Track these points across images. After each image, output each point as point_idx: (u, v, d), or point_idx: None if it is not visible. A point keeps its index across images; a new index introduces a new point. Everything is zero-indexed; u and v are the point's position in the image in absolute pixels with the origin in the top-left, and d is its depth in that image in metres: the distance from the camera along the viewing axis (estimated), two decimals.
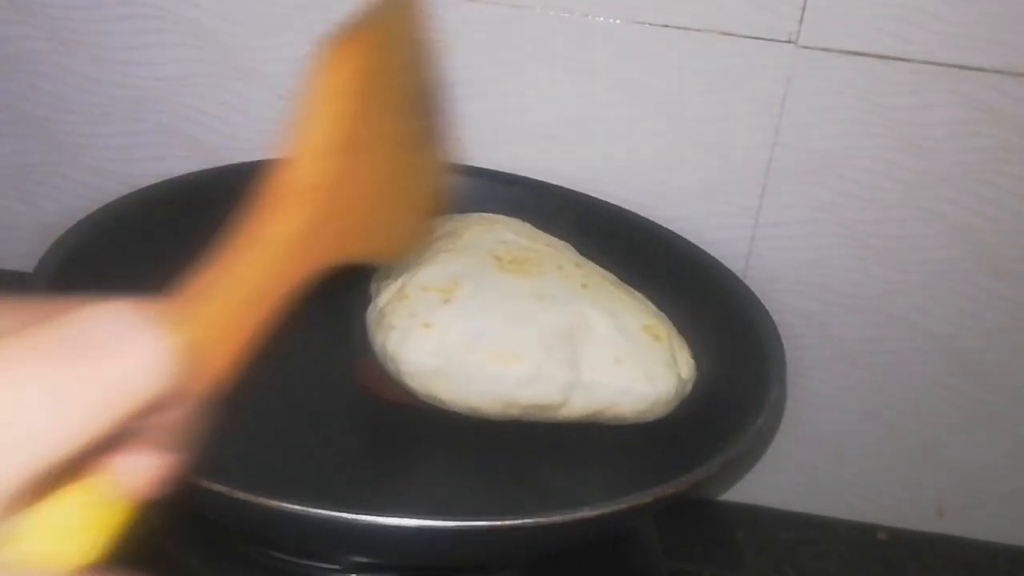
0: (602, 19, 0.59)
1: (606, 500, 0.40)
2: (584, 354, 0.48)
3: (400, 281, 0.50)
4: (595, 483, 0.50)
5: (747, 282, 0.58)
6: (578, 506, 0.39)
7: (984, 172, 0.59)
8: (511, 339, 0.48)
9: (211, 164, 0.62)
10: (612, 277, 0.54)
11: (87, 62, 0.62)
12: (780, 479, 0.66)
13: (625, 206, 0.62)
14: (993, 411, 0.64)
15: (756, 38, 0.58)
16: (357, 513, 0.37)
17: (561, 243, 0.56)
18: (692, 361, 0.51)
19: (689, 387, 0.51)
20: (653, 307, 0.54)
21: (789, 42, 0.58)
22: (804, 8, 0.57)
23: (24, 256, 0.54)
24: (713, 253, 0.59)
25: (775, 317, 0.54)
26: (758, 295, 0.56)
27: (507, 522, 0.39)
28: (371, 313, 0.50)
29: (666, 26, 0.59)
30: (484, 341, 0.47)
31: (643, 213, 0.61)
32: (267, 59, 0.62)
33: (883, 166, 0.60)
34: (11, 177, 0.66)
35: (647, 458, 0.51)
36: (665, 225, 0.61)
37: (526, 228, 0.56)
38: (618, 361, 0.49)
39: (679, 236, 0.60)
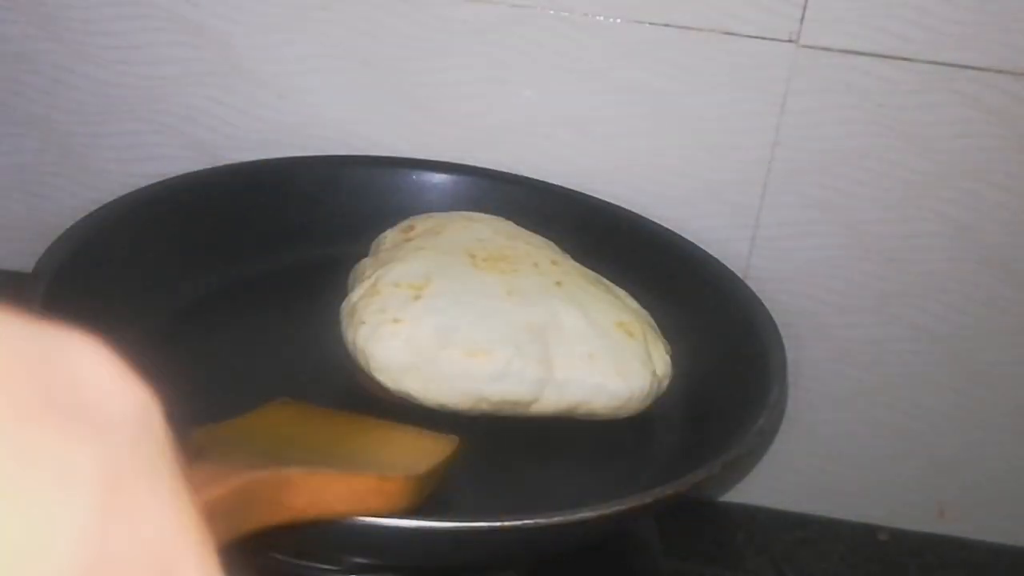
0: (602, 18, 0.59)
1: (606, 501, 0.40)
2: (555, 350, 0.49)
3: (373, 277, 0.50)
4: (595, 484, 0.50)
5: (747, 282, 0.58)
6: (578, 507, 0.39)
7: (985, 172, 0.59)
8: (481, 335, 0.48)
9: (211, 164, 0.62)
10: (591, 275, 0.54)
11: (87, 62, 0.62)
12: (780, 479, 0.66)
13: (625, 206, 0.62)
14: (994, 412, 0.64)
15: (757, 37, 0.58)
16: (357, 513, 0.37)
17: (542, 240, 0.56)
18: (668, 358, 0.51)
19: (665, 384, 0.51)
20: (633, 304, 0.53)
21: (790, 41, 0.58)
22: (805, 7, 0.57)
23: (23, 256, 0.54)
24: (713, 253, 0.59)
25: (775, 317, 0.54)
26: (758, 295, 0.56)
27: (507, 523, 0.39)
28: (344, 308, 0.51)
29: (667, 25, 0.58)
30: (454, 337, 0.48)
31: (643, 213, 0.61)
32: (267, 59, 0.62)
33: (883, 166, 0.60)
34: (10, 177, 0.65)
35: (647, 458, 0.51)
36: (665, 225, 0.61)
37: (507, 226, 0.56)
38: (590, 357, 0.49)
39: (679, 236, 0.60)
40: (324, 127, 0.63)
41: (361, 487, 0.38)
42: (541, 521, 0.39)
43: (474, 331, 0.48)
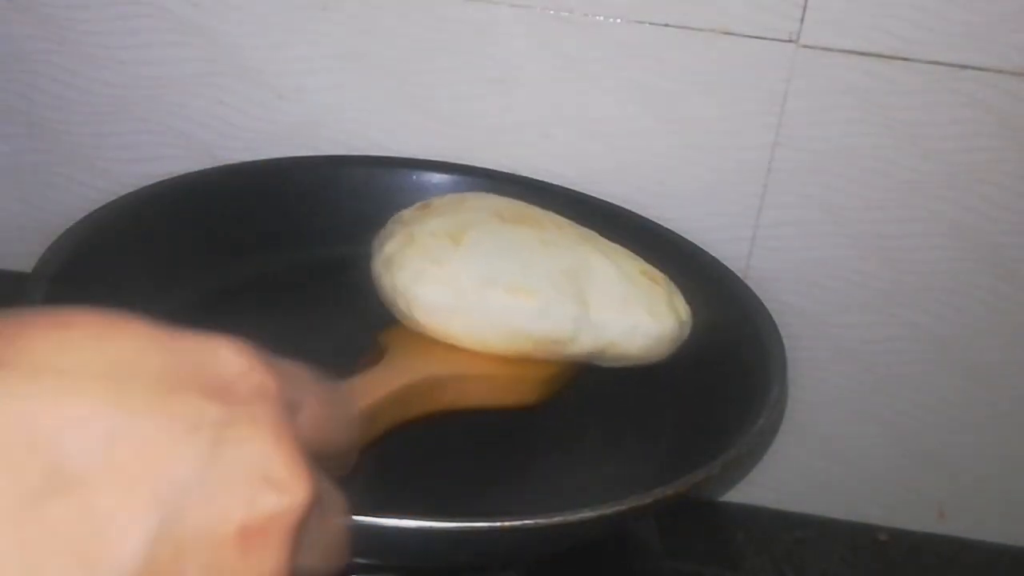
0: (602, 18, 0.59)
1: (606, 501, 0.40)
2: (590, 293, 0.50)
3: (407, 232, 0.51)
4: (595, 483, 0.50)
5: (747, 282, 0.58)
6: (578, 507, 0.39)
7: (985, 172, 0.59)
8: (521, 275, 0.49)
9: (211, 164, 0.62)
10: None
11: (87, 62, 0.62)
12: (780, 479, 0.66)
13: (625, 206, 0.62)
14: (994, 412, 0.64)
15: (757, 37, 0.58)
16: (357, 513, 0.37)
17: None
18: (688, 307, 0.53)
19: (687, 331, 0.52)
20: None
21: (790, 41, 0.58)
22: (805, 7, 0.57)
23: (23, 256, 0.54)
24: (713, 253, 0.59)
25: (775, 317, 0.54)
26: (758, 295, 0.56)
27: (507, 523, 0.39)
28: (377, 263, 0.51)
29: (667, 25, 0.59)
30: (496, 277, 0.49)
31: (643, 213, 0.61)
32: (267, 59, 0.62)
33: (883, 166, 0.60)
34: (10, 177, 0.66)
35: (647, 458, 0.51)
36: (665, 225, 0.61)
37: (521, 202, 0.57)
38: (623, 299, 0.51)
39: (679, 236, 0.60)
40: (324, 127, 0.63)
41: (498, 384, 0.47)
42: (541, 521, 0.39)
43: (514, 272, 0.49)
